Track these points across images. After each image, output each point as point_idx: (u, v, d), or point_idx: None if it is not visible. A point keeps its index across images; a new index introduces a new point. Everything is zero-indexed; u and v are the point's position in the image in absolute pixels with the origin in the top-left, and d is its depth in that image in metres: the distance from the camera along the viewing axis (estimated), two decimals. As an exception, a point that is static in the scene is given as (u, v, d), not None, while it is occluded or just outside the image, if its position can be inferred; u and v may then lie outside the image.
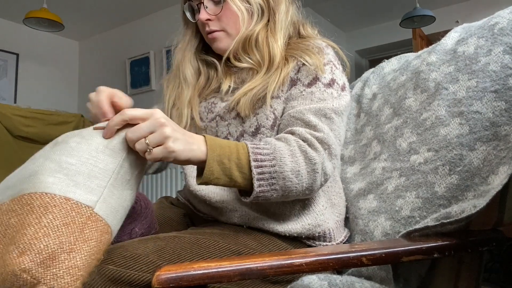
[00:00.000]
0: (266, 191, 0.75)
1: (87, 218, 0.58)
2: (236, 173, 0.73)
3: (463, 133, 0.81)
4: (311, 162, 0.78)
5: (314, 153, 0.78)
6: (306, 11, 1.09)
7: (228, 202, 0.90)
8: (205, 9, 0.92)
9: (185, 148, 0.68)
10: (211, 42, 0.96)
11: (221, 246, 0.76)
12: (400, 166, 0.91)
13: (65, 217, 0.56)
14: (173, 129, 0.67)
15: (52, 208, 0.55)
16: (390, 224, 0.84)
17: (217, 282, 0.57)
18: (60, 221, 0.55)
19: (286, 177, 0.75)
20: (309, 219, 0.87)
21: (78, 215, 0.57)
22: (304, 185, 0.78)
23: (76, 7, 3.94)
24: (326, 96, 0.86)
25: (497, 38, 0.84)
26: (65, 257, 0.54)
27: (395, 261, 0.65)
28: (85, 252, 0.56)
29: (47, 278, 0.52)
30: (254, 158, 0.74)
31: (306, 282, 0.72)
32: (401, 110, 0.98)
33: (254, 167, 0.73)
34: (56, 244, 0.53)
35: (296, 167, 0.76)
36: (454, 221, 0.66)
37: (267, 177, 0.74)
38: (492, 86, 0.80)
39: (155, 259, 0.67)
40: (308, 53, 0.89)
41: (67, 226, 0.55)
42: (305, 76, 0.89)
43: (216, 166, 0.71)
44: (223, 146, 0.73)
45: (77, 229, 0.56)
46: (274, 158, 0.75)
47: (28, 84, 4.33)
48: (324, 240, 0.89)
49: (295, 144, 0.78)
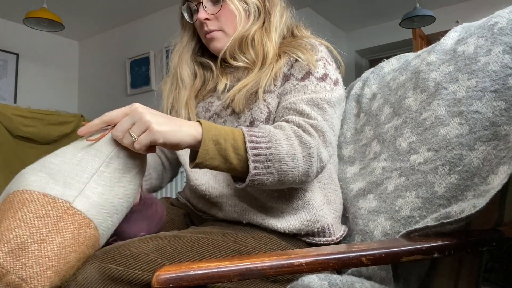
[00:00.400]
0: (261, 174, 0.74)
1: (63, 212, 0.59)
2: (231, 154, 0.73)
3: (463, 133, 0.81)
4: (306, 146, 0.78)
5: (309, 137, 0.79)
6: (306, 11, 1.10)
7: (227, 197, 0.91)
8: (204, 9, 0.94)
9: (172, 129, 0.69)
10: (208, 42, 0.98)
11: (221, 245, 0.77)
12: (400, 166, 0.91)
13: (40, 210, 0.58)
14: (154, 114, 0.69)
15: (28, 203, 0.58)
16: (390, 224, 0.85)
17: (217, 282, 0.57)
18: (34, 214, 0.57)
19: (282, 160, 0.75)
20: (307, 215, 0.88)
21: (53, 209, 0.59)
22: (300, 169, 0.77)
23: (76, 7, 3.94)
24: (319, 89, 0.87)
25: (496, 38, 0.84)
26: (35, 247, 0.55)
27: (395, 261, 0.65)
28: (57, 243, 0.57)
29: (16, 267, 0.53)
30: (249, 139, 0.74)
31: (306, 282, 0.72)
32: (401, 110, 0.98)
33: (250, 148, 0.73)
34: (26, 235, 0.54)
35: (291, 150, 0.76)
36: (454, 221, 0.66)
37: (263, 159, 0.74)
38: (492, 86, 0.80)
39: (155, 257, 0.67)
40: (300, 49, 0.91)
41: (40, 218, 0.57)
42: (298, 71, 0.90)
43: (211, 146, 0.72)
44: (218, 128, 0.74)
45: (50, 222, 0.57)
46: (270, 140, 0.75)
47: (28, 84, 4.33)
48: (324, 235, 0.89)
49: (289, 129, 0.79)
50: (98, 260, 0.63)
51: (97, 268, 0.62)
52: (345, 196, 1.01)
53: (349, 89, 1.25)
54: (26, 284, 0.53)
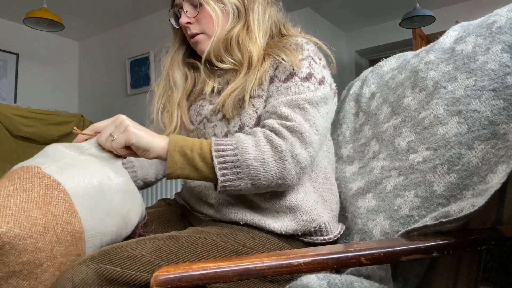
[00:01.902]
0: (232, 180, 0.78)
1: (33, 175, 0.68)
2: (200, 163, 0.78)
3: (461, 132, 0.81)
4: (277, 150, 0.79)
5: (281, 141, 0.80)
6: (306, 11, 1.10)
7: (223, 198, 0.91)
8: (185, 13, 0.96)
9: (145, 136, 0.78)
10: (194, 46, 0.99)
11: (219, 245, 0.77)
12: (398, 165, 0.91)
13: (13, 174, 0.68)
14: (135, 124, 0.79)
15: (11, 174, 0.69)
16: (389, 223, 0.84)
17: (215, 283, 0.57)
18: (7, 178, 0.67)
19: (250, 165, 0.78)
20: (303, 215, 0.87)
21: (24, 172, 0.68)
22: (274, 173, 0.79)
23: (76, 7, 3.94)
24: (302, 90, 0.86)
25: (495, 37, 0.84)
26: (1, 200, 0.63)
27: (394, 260, 0.64)
28: (20, 198, 0.64)
29: None
30: (215, 148, 0.78)
31: (305, 282, 0.72)
32: (400, 109, 0.98)
33: (215, 156, 0.78)
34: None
35: (260, 155, 0.79)
36: (453, 220, 0.66)
37: (230, 165, 0.78)
38: (491, 85, 0.80)
39: (153, 258, 0.67)
40: (284, 50, 0.90)
41: (11, 180, 0.67)
42: (282, 72, 0.90)
43: (178, 156, 0.78)
44: (187, 139, 0.80)
45: (20, 182, 0.66)
46: (237, 147, 0.79)
47: (28, 84, 4.33)
48: (321, 234, 0.89)
49: (260, 135, 0.81)
50: (95, 261, 0.63)
51: (94, 269, 0.62)
52: (344, 196, 1.01)
53: (348, 88, 1.25)
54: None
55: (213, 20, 0.94)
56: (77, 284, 0.61)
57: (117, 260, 0.64)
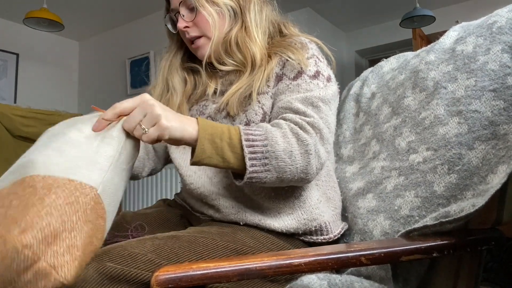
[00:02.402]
0: (259, 171, 0.76)
1: (90, 199, 0.58)
2: (228, 153, 0.75)
3: (462, 132, 0.81)
4: (304, 143, 0.78)
5: (306, 135, 0.79)
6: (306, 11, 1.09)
7: (224, 199, 0.91)
8: (182, 18, 0.94)
9: (178, 126, 0.71)
10: (195, 51, 0.98)
11: (219, 245, 0.77)
12: (399, 165, 0.91)
13: (69, 196, 0.55)
14: (163, 108, 0.71)
15: (55, 188, 0.55)
16: (389, 224, 0.84)
17: (216, 282, 0.57)
18: (63, 200, 0.55)
19: (279, 157, 0.76)
20: (304, 213, 0.88)
21: (82, 195, 0.57)
22: (298, 166, 0.78)
23: (76, 7, 3.93)
24: (313, 87, 0.87)
25: (495, 37, 0.84)
26: (66, 235, 0.53)
27: (394, 260, 0.65)
28: (84, 232, 0.56)
29: (47, 255, 0.51)
30: (245, 138, 0.75)
31: (305, 282, 0.72)
32: (400, 109, 0.98)
33: (245, 146, 0.75)
34: (59, 222, 0.53)
35: (288, 147, 0.77)
36: (453, 220, 0.66)
37: (260, 156, 0.75)
38: (491, 85, 0.80)
39: (153, 257, 0.67)
40: (290, 49, 0.91)
41: (71, 205, 0.55)
42: (290, 70, 0.90)
43: (207, 145, 0.73)
44: (215, 126, 0.76)
45: (80, 209, 0.56)
46: (266, 138, 0.76)
47: (28, 84, 4.33)
48: (321, 234, 0.89)
49: (286, 127, 0.79)
50: (95, 260, 0.63)
51: (95, 268, 0.62)
52: (344, 196, 1.01)
53: (348, 89, 1.25)
54: (56, 272, 0.52)
55: (210, 24, 0.93)
56: (77, 283, 0.61)
57: (118, 258, 0.64)
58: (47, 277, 0.51)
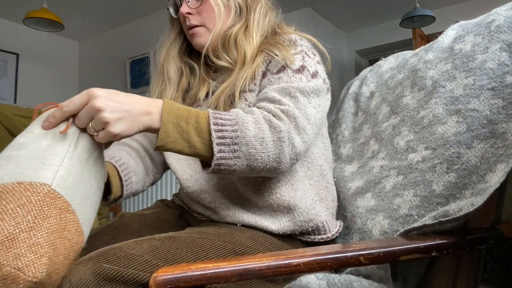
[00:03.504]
0: (228, 158, 0.71)
1: (44, 195, 0.57)
2: (194, 138, 0.70)
3: (460, 131, 0.81)
4: (276, 130, 0.75)
5: (279, 122, 0.76)
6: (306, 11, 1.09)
7: (220, 201, 0.91)
8: (187, 3, 0.94)
9: (130, 125, 0.66)
10: (191, 38, 0.96)
11: (217, 246, 0.76)
12: (398, 164, 0.91)
13: (19, 198, 0.55)
14: (112, 110, 0.64)
15: (5, 195, 0.55)
16: (388, 223, 0.84)
17: (214, 283, 0.57)
18: (14, 204, 0.54)
19: (249, 143, 0.72)
20: (300, 215, 0.87)
21: (33, 194, 0.56)
22: (270, 154, 0.74)
23: (76, 7, 3.94)
24: (294, 80, 0.84)
25: (494, 36, 0.84)
26: (25, 236, 0.53)
27: (393, 260, 0.64)
28: (45, 229, 0.56)
29: (9, 259, 0.51)
30: (214, 122, 0.71)
31: (304, 282, 0.72)
32: (399, 108, 0.98)
33: (214, 130, 0.70)
34: (12, 225, 0.53)
35: (259, 134, 0.73)
36: (452, 219, 0.66)
37: (229, 142, 0.71)
38: (489, 84, 0.80)
39: (150, 258, 0.67)
40: (277, 46, 0.89)
41: (22, 206, 0.55)
42: (274, 66, 0.89)
43: (172, 128, 0.69)
44: (181, 109, 0.71)
45: (34, 208, 0.56)
46: (236, 123, 0.73)
47: (28, 84, 4.33)
48: (319, 233, 0.88)
49: (259, 113, 0.76)
50: (92, 261, 0.63)
51: (91, 269, 0.62)
52: (343, 195, 1.01)
53: (347, 88, 1.25)
54: (23, 273, 0.52)
55: (215, 14, 0.93)
56: (74, 284, 0.61)
57: (115, 259, 0.64)
58: (15, 280, 0.51)
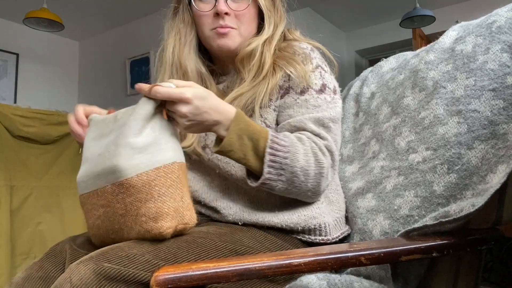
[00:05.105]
0: (273, 179, 0.80)
1: (178, 170, 0.73)
2: (250, 153, 0.79)
3: (461, 132, 0.81)
4: (320, 166, 0.82)
5: (323, 157, 0.83)
6: (306, 11, 1.09)
7: (221, 201, 0.91)
8: (225, 2, 0.91)
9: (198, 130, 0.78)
10: (217, 37, 0.92)
11: (217, 245, 0.77)
12: (398, 165, 0.91)
13: (165, 181, 0.71)
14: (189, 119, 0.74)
15: (153, 182, 0.70)
16: (388, 223, 0.84)
17: (215, 283, 0.57)
18: (165, 187, 0.70)
19: (294, 172, 0.80)
20: (305, 210, 0.89)
21: (172, 174, 0.72)
22: (309, 186, 0.82)
23: (76, 7, 3.94)
24: (321, 103, 0.88)
25: (495, 37, 0.84)
26: (181, 204, 0.72)
27: (394, 260, 0.65)
28: (186, 191, 0.74)
29: (179, 221, 0.71)
30: (270, 145, 0.79)
31: (305, 282, 0.72)
32: (400, 109, 0.98)
33: (268, 153, 0.78)
34: (172, 202, 0.70)
35: (306, 166, 0.80)
36: (453, 220, 0.66)
37: (277, 166, 0.79)
38: (490, 85, 0.80)
39: (150, 258, 0.67)
40: (293, 63, 0.89)
41: (171, 187, 0.71)
42: (297, 85, 0.90)
43: (235, 140, 0.78)
44: (248, 123, 0.80)
45: (178, 183, 0.72)
46: (289, 151, 0.80)
47: (28, 84, 4.33)
48: (320, 234, 0.89)
49: (308, 145, 0.83)
50: (93, 260, 0.63)
51: (92, 268, 0.62)
52: (344, 195, 1.01)
53: (348, 88, 1.25)
54: (187, 224, 0.72)
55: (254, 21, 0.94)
56: (75, 284, 0.61)
57: (116, 259, 0.64)
58: (185, 230, 0.73)
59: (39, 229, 2.75)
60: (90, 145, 0.79)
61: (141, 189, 0.69)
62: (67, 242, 0.86)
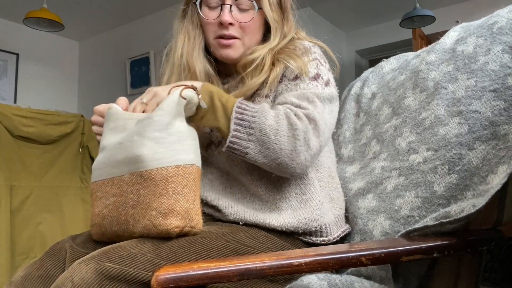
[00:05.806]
0: (242, 138, 0.79)
1: (195, 173, 0.75)
2: (220, 113, 0.80)
3: (462, 133, 0.81)
4: (292, 127, 0.79)
5: (298, 120, 0.80)
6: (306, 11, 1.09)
7: (223, 200, 0.92)
8: (230, 13, 0.91)
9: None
10: (221, 47, 0.94)
11: (219, 245, 0.77)
12: (399, 165, 0.91)
13: (182, 180, 0.72)
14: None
15: (171, 178, 0.72)
16: (389, 224, 0.85)
17: (216, 282, 0.57)
18: (181, 186, 0.72)
19: (263, 130, 0.79)
20: (305, 213, 0.88)
21: (190, 175, 0.74)
22: (283, 148, 0.79)
23: (76, 7, 3.94)
24: (311, 86, 0.88)
25: (496, 37, 0.84)
26: (192, 206, 0.73)
27: (395, 260, 0.65)
28: (198, 195, 0.75)
29: (186, 223, 0.72)
30: (238, 105, 0.81)
31: (305, 282, 0.72)
32: (400, 109, 0.98)
33: (235, 111, 0.80)
34: (185, 202, 0.72)
35: (275, 125, 0.79)
36: (454, 220, 0.66)
37: (245, 124, 0.79)
38: (491, 85, 0.80)
39: (152, 257, 0.67)
40: (293, 56, 0.91)
41: (186, 187, 0.72)
42: (291, 73, 0.91)
43: (207, 101, 0.80)
44: (218, 90, 0.83)
45: (193, 186, 0.74)
46: (257, 112, 0.80)
47: (28, 84, 4.33)
48: (321, 235, 0.89)
49: (281, 109, 0.82)
50: (94, 260, 0.63)
51: (93, 268, 0.62)
52: (344, 196, 1.01)
53: (349, 89, 1.25)
54: (194, 228, 0.73)
55: (258, 32, 0.94)
56: (76, 283, 0.61)
57: (117, 258, 0.64)
58: (190, 232, 0.73)
59: (39, 229, 2.75)
60: (109, 134, 0.80)
61: (159, 183, 0.71)
62: (67, 241, 0.87)
